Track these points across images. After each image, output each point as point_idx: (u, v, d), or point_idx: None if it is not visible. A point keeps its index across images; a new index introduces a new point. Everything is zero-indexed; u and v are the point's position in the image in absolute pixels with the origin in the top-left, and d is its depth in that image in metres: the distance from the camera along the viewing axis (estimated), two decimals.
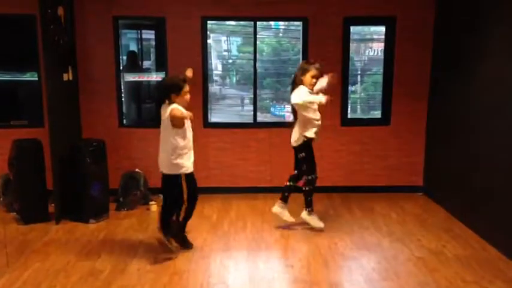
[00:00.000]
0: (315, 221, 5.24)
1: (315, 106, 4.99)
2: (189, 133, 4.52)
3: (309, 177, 5.15)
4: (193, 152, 4.59)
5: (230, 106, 9.03)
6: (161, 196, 4.92)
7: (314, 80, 4.93)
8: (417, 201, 6.40)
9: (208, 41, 6.63)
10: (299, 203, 5.29)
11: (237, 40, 9.25)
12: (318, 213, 5.42)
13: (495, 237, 4.80)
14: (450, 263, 4.46)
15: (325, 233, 5.20)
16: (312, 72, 4.94)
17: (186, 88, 4.49)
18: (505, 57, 4.71)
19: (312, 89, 4.96)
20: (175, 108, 4.37)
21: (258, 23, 6.56)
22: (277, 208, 5.30)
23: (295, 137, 5.10)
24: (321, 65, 5.04)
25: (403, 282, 4.08)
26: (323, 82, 5.00)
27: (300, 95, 4.90)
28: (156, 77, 6.85)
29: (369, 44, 8.37)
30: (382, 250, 4.79)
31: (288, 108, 7.89)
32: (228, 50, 9.40)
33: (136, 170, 6.20)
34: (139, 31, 7.28)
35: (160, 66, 6.68)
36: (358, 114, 7.89)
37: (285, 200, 5.29)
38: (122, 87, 6.52)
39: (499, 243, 4.71)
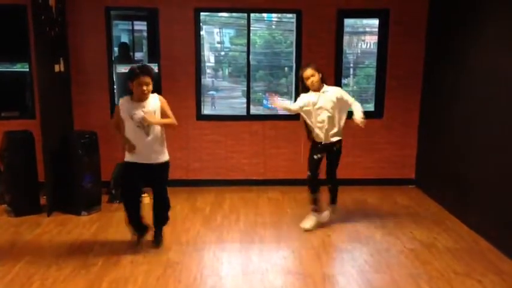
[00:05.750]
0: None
1: (307, 108, 4.93)
2: None
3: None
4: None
5: (223, 99, 9.00)
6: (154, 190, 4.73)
7: (310, 80, 4.82)
8: (409, 194, 6.43)
9: (201, 33, 6.59)
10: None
11: (229, 32, 9.21)
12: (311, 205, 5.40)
13: (486, 229, 4.83)
14: (442, 255, 4.49)
15: (318, 225, 5.22)
16: (304, 75, 4.88)
17: (141, 79, 4.17)
18: (498, 51, 4.73)
19: (315, 89, 4.89)
20: (162, 98, 4.40)
21: (251, 14, 6.53)
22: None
23: None
24: (308, 64, 4.97)
25: (395, 274, 4.11)
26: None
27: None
28: None
29: (362, 36, 8.37)
30: (375, 242, 4.81)
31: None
32: (221, 42, 9.35)
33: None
34: (131, 22, 7.21)
35: (152, 57, 6.64)
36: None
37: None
38: (114, 79, 6.47)
39: (490, 235, 4.75)
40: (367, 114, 5.15)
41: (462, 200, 5.38)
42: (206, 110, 6.99)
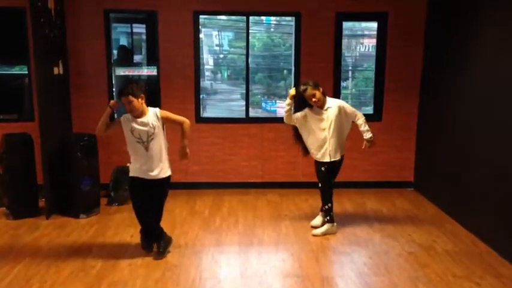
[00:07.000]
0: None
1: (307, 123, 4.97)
2: None
3: None
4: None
5: (222, 101, 9.02)
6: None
7: (313, 100, 4.81)
8: (408, 196, 6.44)
9: (200, 36, 6.61)
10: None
11: (228, 35, 9.23)
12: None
13: (485, 232, 4.83)
14: (441, 258, 4.49)
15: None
16: (306, 96, 4.84)
17: (122, 100, 4.23)
18: (496, 54, 4.74)
19: (320, 105, 4.89)
20: (162, 111, 4.40)
21: (250, 17, 6.53)
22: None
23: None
24: (305, 82, 4.91)
25: (394, 277, 4.10)
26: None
27: None
28: (147, 71, 6.80)
29: (360, 39, 8.39)
30: (374, 245, 4.81)
31: (280, 103, 7.93)
32: (220, 45, 9.37)
33: (128, 164, 6.13)
34: (130, 25, 7.22)
35: (151, 60, 6.64)
36: None
37: None
38: (113, 81, 6.47)
39: (489, 238, 4.75)
40: (366, 117, 5.18)
41: (461, 202, 5.38)
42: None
